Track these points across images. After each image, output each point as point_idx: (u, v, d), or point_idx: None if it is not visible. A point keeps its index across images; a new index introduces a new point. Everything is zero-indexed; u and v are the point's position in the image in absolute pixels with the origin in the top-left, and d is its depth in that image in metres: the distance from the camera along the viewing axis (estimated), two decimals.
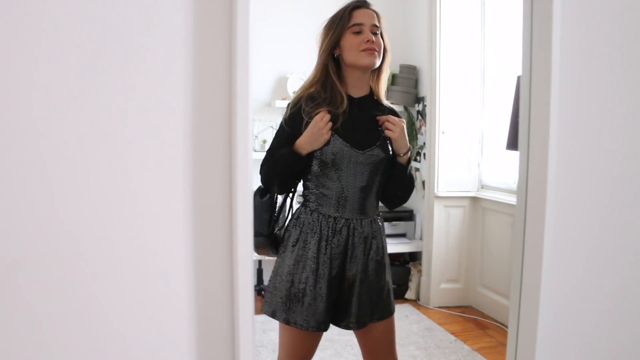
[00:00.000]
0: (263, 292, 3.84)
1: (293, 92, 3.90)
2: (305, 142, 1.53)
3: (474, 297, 3.63)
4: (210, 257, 1.16)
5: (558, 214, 1.41)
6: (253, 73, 1.12)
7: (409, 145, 1.62)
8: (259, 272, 3.83)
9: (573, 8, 1.37)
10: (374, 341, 1.68)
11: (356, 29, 1.54)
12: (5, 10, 0.98)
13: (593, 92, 1.43)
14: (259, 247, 1.70)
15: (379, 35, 1.57)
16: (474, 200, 3.63)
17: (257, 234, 1.65)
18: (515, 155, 2.48)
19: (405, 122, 1.62)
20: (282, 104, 3.87)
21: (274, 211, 1.67)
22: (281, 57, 3.96)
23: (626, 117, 1.48)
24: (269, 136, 3.93)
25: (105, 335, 1.10)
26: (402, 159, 1.62)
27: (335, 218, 1.57)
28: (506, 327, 3.09)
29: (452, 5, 3.56)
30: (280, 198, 1.71)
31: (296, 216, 1.63)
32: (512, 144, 2.71)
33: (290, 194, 1.71)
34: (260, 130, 3.92)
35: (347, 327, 1.62)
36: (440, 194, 3.59)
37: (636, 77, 1.47)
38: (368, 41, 1.53)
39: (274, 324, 3.27)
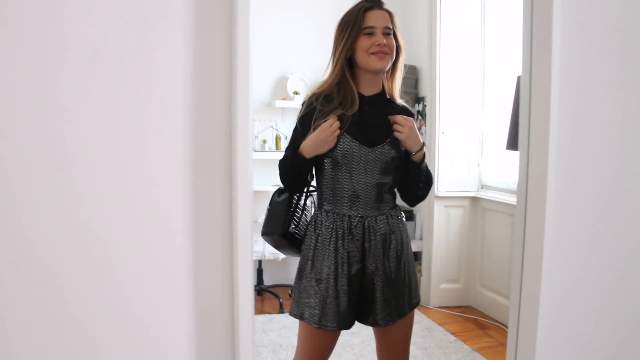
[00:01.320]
0: (264, 292, 3.85)
1: (293, 92, 3.90)
2: (310, 148, 1.55)
3: (474, 297, 3.63)
4: (210, 257, 1.16)
5: (558, 214, 1.41)
6: (253, 73, 1.12)
7: (421, 142, 1.61)
8: (259, 272, 3.83)
9: (573, 8, 1.37)
10: (391, 339, 1.69)
11: (368, 31, 1.53)
12: (4, 10, 0.98)
13: (593, 92, 1.43)
14: (278, 246, 1.72)
15: (392, 37, 1.57)
16: (474, 200, 3.63)
17: (272, 232, 1.69)
18: (515, 155, 2.48)
19: (414, 119, 1.62)
20: (282, 104, 3.87)
21: (289, 210, 1.68)
22: (281, 57, 3.96)
23: (626, 117, 1.48)
24: (269, 136, 3.94)
25: (106, 335, 1.10)
26: (416, 157, 1.61)
27: (350, 216, 1.59)
28: (506, 327, 3.09)
29: (452, 5, 3.56)
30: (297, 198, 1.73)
31: (313, 218, 1.65)
32: (512, 144, 2.71)
33: (305, 194, 1.72)
34: (260, 130, 3.92)
35: (373, 324, 1.63)
36: (440, 194, 3.59)
37: (636, 77, 1.47)
38: (379, 44, 1.52)
39: (274, 324, 3.27)
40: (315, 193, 1.72)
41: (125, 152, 1.07)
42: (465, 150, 3.61)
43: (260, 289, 3.80)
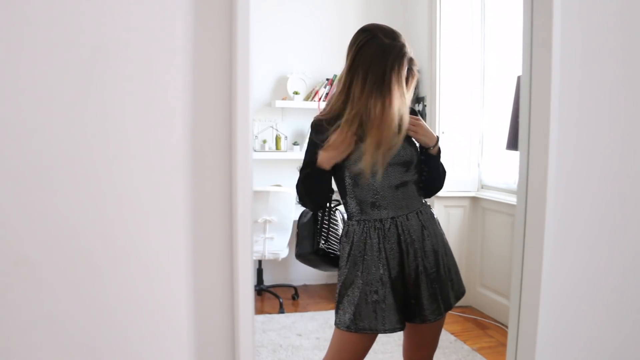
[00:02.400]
0: (264, 292, 3.85)
1: (293, 92, 3.90)
2: (330, 156, 1.56)
3: (474, 297, 3.63)
4: (210, 257, 1.16)
5: (558, 214, 1.41)
6: (253, 73, 1.12)
7: (435, 135, 1.67)
8: (259, 272, 3.83)
9: (573, 8, 1.37)
10: (427, 333, 1.70)
11: None
12: (4, 9, 0.98)
13: (593, 92, 1.43)
14: (314, 265, 1.77)
15: None
16: (474, 200, 3.63)
17: (304, 252, 1.74)
18: (515, 155, 2.48)
19: (420, 118, 1.68)
20: (282, 104, 3.87)
21: (316, 228, 1.73)
22: (281, 57, 3.96)
23: (626, 117, 1.48)
24: (269, 136, 3.94)
25: (105, 335, 1.10)
26: (434, 151, 1.68)
27: (381, 220, 1.61)
28: (506, 327, 3.09)
29: (452, 5, 3.57)
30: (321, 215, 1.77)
31: (345, 231, 1.67)
32: (512, 144, 2.71)
33: (329, 209, 1.76)
34: (260, 130, 3.92)
35: (423, 321, 1.64)
36: (440, 194, 3.58)
37: (636, 77, 1.47)
38: None
39: (274, 324, 3.27)
40: (340, 206, 1.75)
41: (126, 152, 1.07)
42: (465, 150, 3.61)
43: (260, 289, 3.80)
